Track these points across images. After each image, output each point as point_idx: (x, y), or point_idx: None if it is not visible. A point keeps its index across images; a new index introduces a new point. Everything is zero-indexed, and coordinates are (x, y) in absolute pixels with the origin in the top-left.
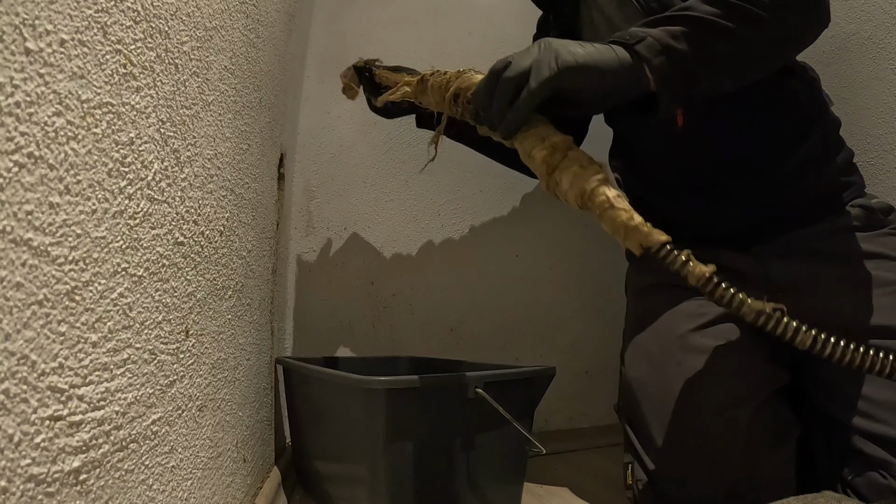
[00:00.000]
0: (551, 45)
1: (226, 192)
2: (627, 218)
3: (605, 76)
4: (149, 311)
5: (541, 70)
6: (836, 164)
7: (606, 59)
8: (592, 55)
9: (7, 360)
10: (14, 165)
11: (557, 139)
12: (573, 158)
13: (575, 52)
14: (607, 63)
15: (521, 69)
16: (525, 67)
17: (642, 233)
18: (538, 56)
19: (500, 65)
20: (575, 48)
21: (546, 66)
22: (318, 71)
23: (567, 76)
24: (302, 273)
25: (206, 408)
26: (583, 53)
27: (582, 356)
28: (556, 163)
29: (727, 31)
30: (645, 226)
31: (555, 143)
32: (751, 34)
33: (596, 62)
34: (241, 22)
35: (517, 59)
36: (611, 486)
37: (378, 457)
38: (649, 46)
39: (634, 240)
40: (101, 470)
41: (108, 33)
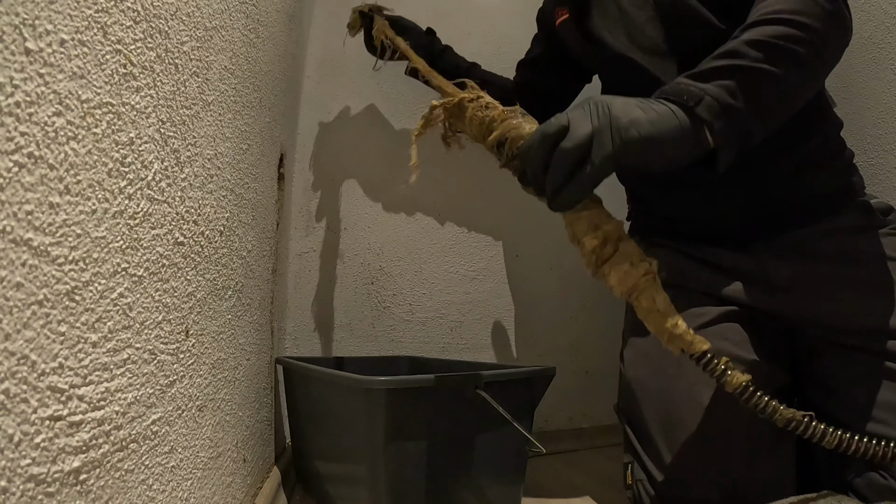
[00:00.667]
0: (609, 109)
1: (226, 192)
2: (672, 325)
3: (667, 146)
4: (149, 311)
5: (603, 144)
6: (837, 165)
7: (669, 127)
8: (655, 125)
9: (7, 360)
10: (14, 165)
11: (609, 227)
12: (624, 253)
13: (637, 121)
14: (670, 132)
15: (581, 140)
16: (585, 139)
17: (686, 341)
18: (598, 124)
19: (553, 129)
20: (635, 113)
21: (608, 139)
22: (318, 71)
23: (631, 152)
24: (302, 273)
25: (206, 408)
26: (646, 124)
27: (582, 356)
28: (607, 256)
29: (775, 77)
30: (688, 334)
31: (607, 233)
32: (796, 75)
33: (659, 133)
34: (241, 22)
35: (574, 125)
36: (611, 486)
37: (378, 457)
38: (709, 108)
39: (676, 345)
40: (101, 470)
41: (108, 33)
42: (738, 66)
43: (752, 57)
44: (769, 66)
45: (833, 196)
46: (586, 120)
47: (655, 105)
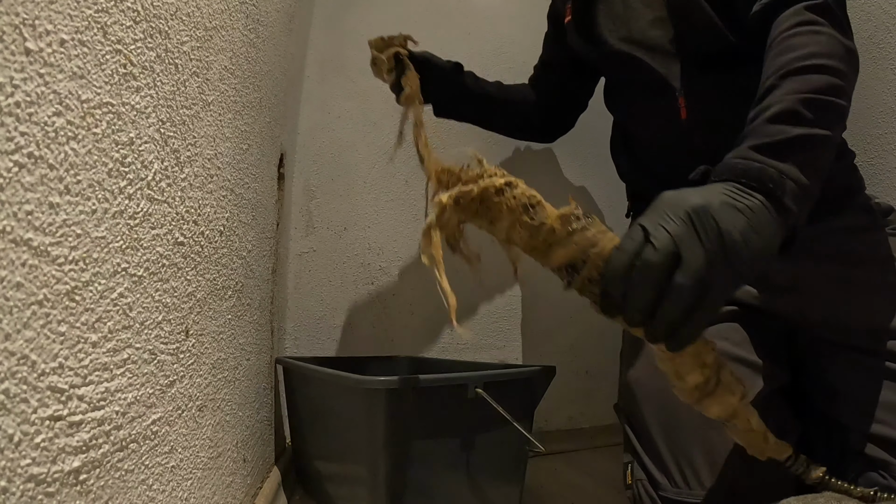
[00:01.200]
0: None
1: (226, 192)
2: (763, 439)
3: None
4: (149, 311)
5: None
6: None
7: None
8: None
9: (7, 360)
10: (14, 165)
11: (711, 359)
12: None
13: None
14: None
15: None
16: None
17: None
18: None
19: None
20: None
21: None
22: (318, 71)
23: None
24: (302, 273)
25: (206, 408)
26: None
27: (582, 356)
28: (711, 390)
29: (830, 141)
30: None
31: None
32: (839, 129)
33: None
34: (241, 22)
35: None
36: (611, 486)
37: (378, 457)
38: (794, 196)
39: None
40: (101, 470)
41: (108, 33)
42: (804, 136)
43: (810, 121)
44: (824, 129)
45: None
46: (696, 243)
47: (749, 201)
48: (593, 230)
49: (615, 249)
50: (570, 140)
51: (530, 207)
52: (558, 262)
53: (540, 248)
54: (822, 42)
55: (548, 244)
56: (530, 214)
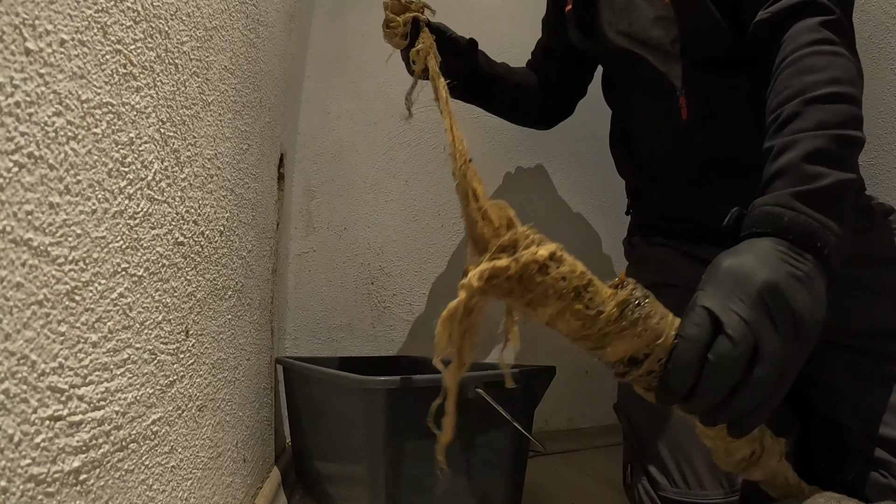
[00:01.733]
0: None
1: (226, 192)
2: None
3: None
4: (149, 311)
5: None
6: None
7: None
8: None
9: (7, 360)
10: (14, 165)
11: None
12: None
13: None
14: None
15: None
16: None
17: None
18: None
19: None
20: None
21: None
22: (318, 71)
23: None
24: (302, 273)
25: (206, 408)
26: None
27: (582, 356)
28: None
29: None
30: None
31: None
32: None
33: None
34: (241, 22)
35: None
36: (611, 486)
37: (378, 457)
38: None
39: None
40: (101, 470)
41: (108, 33)
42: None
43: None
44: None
45: None
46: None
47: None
48: (656, 318)
49: (681, 339)
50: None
51: (583, 291)
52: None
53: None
54: (842, 66)
55: (603, 334)
56: (584, 301)
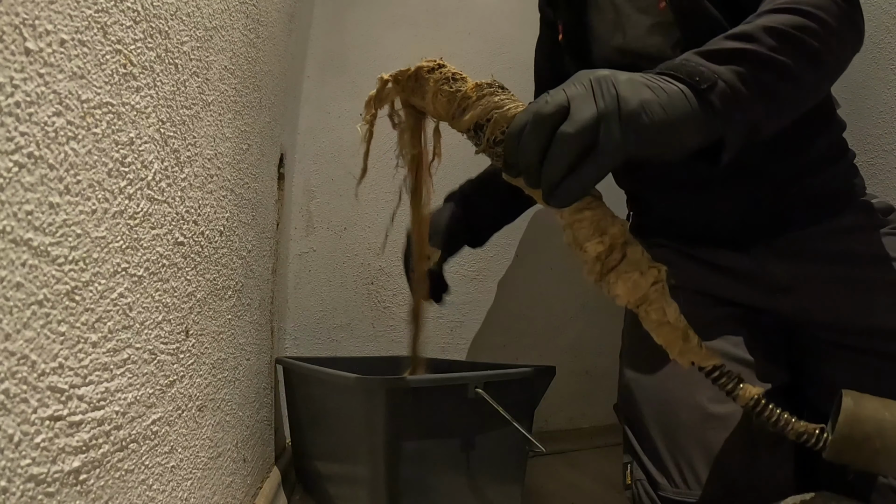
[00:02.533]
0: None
1: (226, 192)
2: (683, 337)
3: (679, 134)
4: (149, 311)
5: (611, 132)
6: (840, 167)
7: (681, 112)
8: (667, 109)
9: (7, 360)
10: (14, 165)
11: (615, 230)
12: (632, 261)
13: (648, 104)
14: (682, 119)
15: (584, 124)
16: (588, 122)
17: (698, 355)
18: (604, 106)
19: (550, 109)
20: (644, 94)
21: (617, 126)
22: (318, 71)
23: (644, 143)
24: (302, 273)
25: (206, 408)
26: (658, 109)
27: (582, 356)
28: (614, 264)
29: (789, 71)
30: (700, 347)
31: (613, 237)
32: (809, 73)
33: (671, 120)
34: (241, 22)
35: (576, 105)
36: (611, 486)
37: (378, 457)
38: (723, 95)
39: (686, 358)
40: (101, 470)
41: (108, 33)
42: (753, 51)
43: (767, 45)
44: (784, 57)
45: (834, 197)
46: (589, 101)
47: (664, 84)
48: (505, 99)
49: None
50: None
51: (451, 79)
52: (467, 124)
53: (456, 114)
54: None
55: (462, 109)
56: (450, 84)
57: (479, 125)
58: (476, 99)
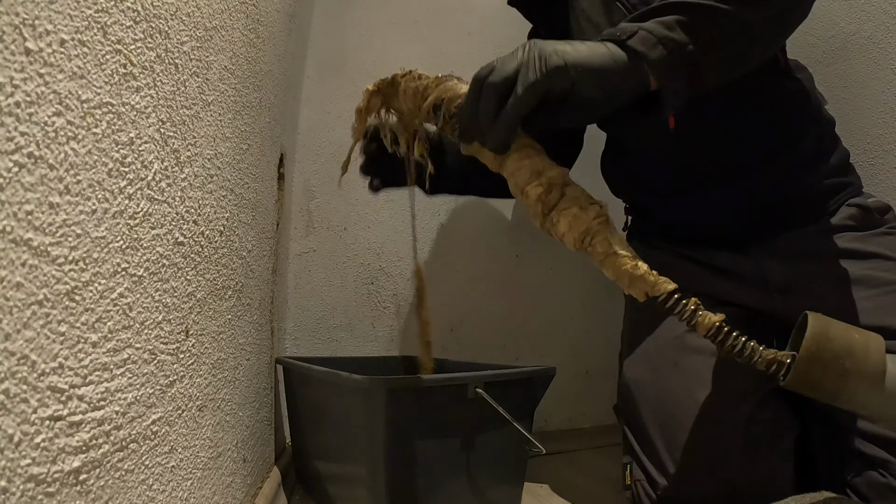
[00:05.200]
0: (536, 44)
1: (226, 192)
2: (632, 266)
3: (598, 75)
4: (149, 311)
5: (527, 73)
6: (832, 164)
7: (600, 55)
8: (583, 53)
9: (7, 360)
10: (14, 165)
11: (553, 173)
12: (571, 197)
13: (563, 50)
14: (600, 61)
15: (505, 73)
16: (510, 72)
17: (648, 282)
18: (523, 58)
19: (484, 71)
20: (563, 46)
21: (533, 68)
22: (318, 71)
23: (557, 77)
24: (302, 273)
25: (206, 408)
26: (572, 52)
27: (582, 356)
28: (554, 202)
29: (724, 13)
30: (651, 274)
31: (551, 179)
32: (749, 13)
33: (587, 60)
34: (241, 22)
35: (501, 62)
36: (611, 486)
37: (378, 457)
38: (643, 40)
39: (640, 288)
40: (101, 470)
41: (108, 33)
42: (679, 2)
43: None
44: (718, 2)
45: (829, 195)
46: (513, 57)
47: (587, 42)
48: (457, 81)
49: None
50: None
51: (417, 77)
52: (428, 106)
53: (419, 102)
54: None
55: (424, 98)
56: (416, 81)
57: (437, 105)
58: (434, 87)
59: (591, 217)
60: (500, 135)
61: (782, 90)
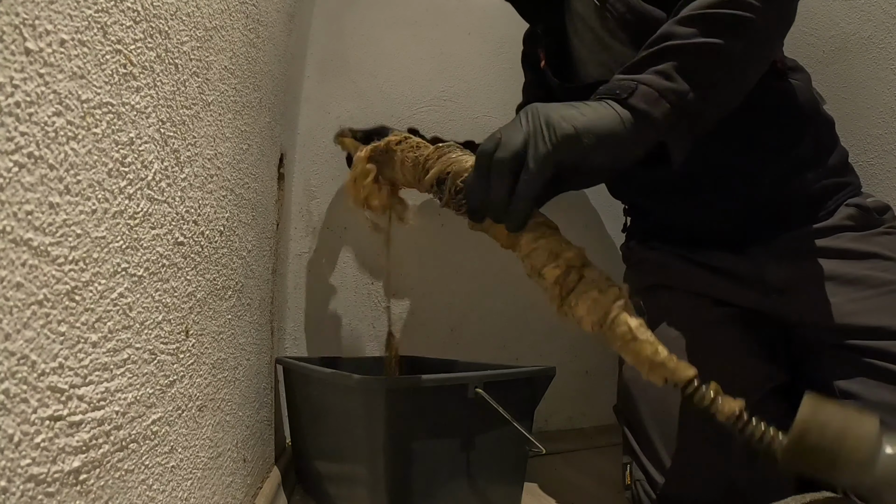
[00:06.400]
0: (540, 112)
1: (226, 192)
2: (653, 352)
3: (609, 140)
4: (149, 311)
5: (537, 145)
6: (830, 164)
7: (606, 120)
8: (590, 118)
9: (7, 360)
10: (14, 165)
11: (571, 254)
12: (590, 281)
13: (570, 115)
14: (609, 125)
15: (514, 148)
16: (518, 145)
17: (669, 368)
18: (529, 128)
19: (489, 145)
20: (568, 111)
21: (542, 139)
22: (318, 71)
23: (567, 148)
24: (302, 273)
25: (206, 408)
26: (580, 117)
27: (582, 356)
28: (572, 285)
29: (715, 49)
30: (671, 360)
31: (569, 260)
32: (738, 43)
33: (595, 126)
34: (241, 22)
35: (507, 134)
36: (611, 486)
37: (378, 457)
38: (645, 96)
39: (660, 374)
40: (101, 470)
41: (108, 33)
42: (671, 46)
43: (683, 34)
44: (707, 38)
45: (828, 195)
46: (518, 128)
47: (590, 103)
48: (459, 153)
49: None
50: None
51: (415, 147)
52: (430, 180)
53: (420, 174)
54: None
55: (425, 169)
56: (415, 152)
57: (441, 180)
58: (436, 159)
59: (611, 301)
60: (517, 215)
61: (780, 91)
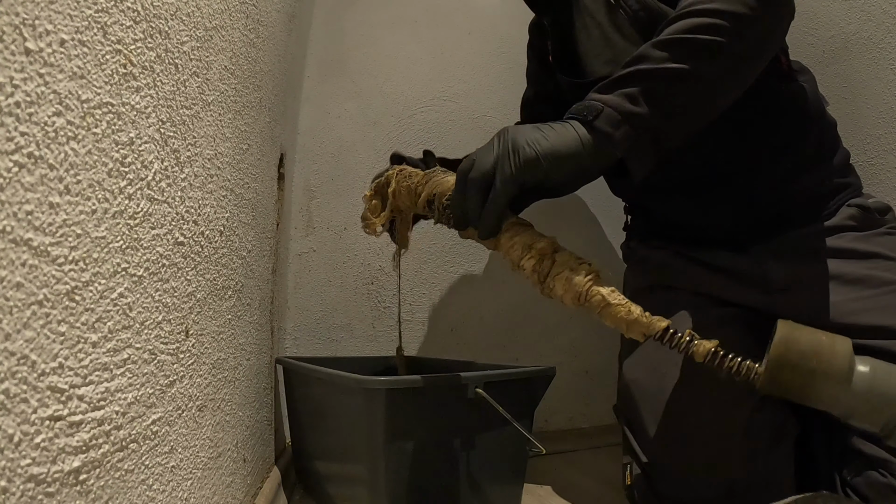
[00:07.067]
0: (510, 136)
1: (226, 192)
2: (626, 312)
3: (569, 161)
4: (149, 311)
5: (503, 168)
6: (833, 165)
7: (568, 142)
8: (553, 142)
9: (7, 360)
10: (14, 165)
11: (542, 244)
12: (562, 262)
13: (534, 139)
14: (569, 147)
15: (484, 169)
16: (488, 166)
17: (643, 324)
18: (500, 151)
19: (466, 165)
20: (534, 135)
21: (508, 162)
22: (318, 71)
23: (530, 170)
24: (302, 273)
25: (206, 408)
26: (543, 141)
27: (582, 356)
28: (547, 270)
29: (682, 74)
30: (644, 316)
31: (541, 250)
32: (710, 68)
33: (557, 149)
34: (241, 22)
35: (479, 156)
36: (611, 486)
37: (378, 457)
38: (608, 119)
39: (637, 331)
40: (101, 470)
41: (108, 33)
42: (639, 71)
43: (656, 58)
44: (677, 63)
45: (830, 195)
46: (490, 151)
47: (556, 125)
48: (446, 175)
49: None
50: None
51: (408, 176)
52: (423, 202)
53: (414, 199)
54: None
55: (418, 195)
56: (408, 181)
57: (430, 200)
58: (424, 183)
59: (582, 276)
60: (487, 224)
61: (784, 93)
